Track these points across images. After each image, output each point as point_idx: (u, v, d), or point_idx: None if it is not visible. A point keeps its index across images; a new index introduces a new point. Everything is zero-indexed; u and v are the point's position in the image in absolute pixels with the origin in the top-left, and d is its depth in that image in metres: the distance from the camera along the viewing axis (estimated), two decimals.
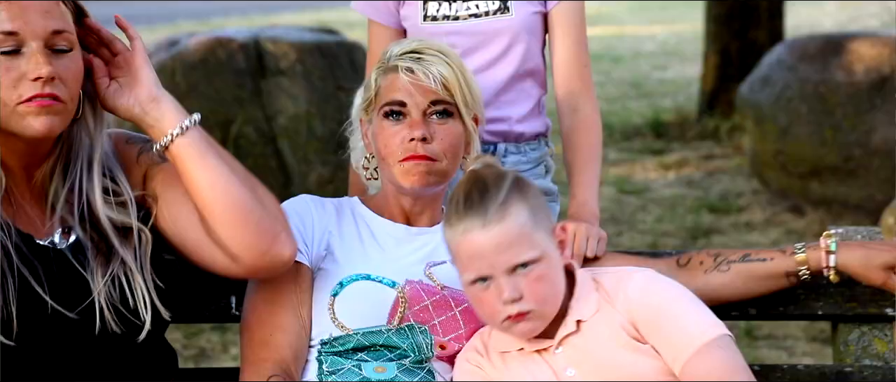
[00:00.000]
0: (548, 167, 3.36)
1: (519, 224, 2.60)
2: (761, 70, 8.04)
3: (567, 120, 3.20)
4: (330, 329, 2.76)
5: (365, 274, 2.79)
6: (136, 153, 2.72)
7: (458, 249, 2.62)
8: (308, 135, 6.88)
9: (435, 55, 2.84)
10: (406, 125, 2.81)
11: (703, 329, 2.62)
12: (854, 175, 7.62)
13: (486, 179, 2.65)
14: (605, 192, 8.36)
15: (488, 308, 2.63)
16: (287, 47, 6.98)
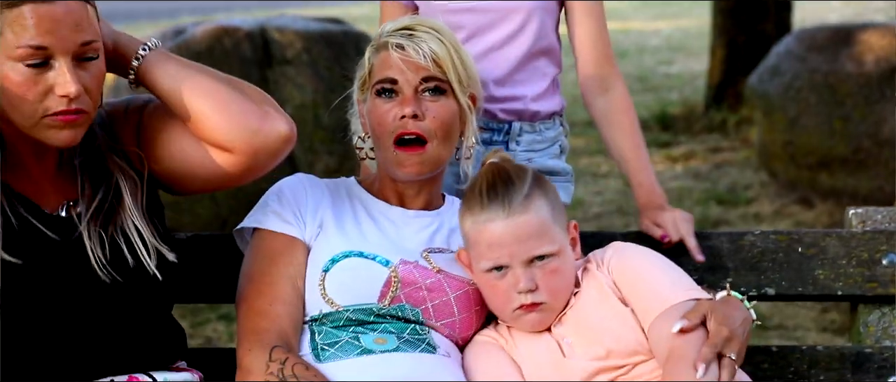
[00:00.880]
0: (563, 147, 3.32)
1: (540, 217, 2.69)
2: (770, 60, 8.00)
3: (599, 101, 3.17)
4: (320, 305, 2.73)
5: (358, 250, 2.76)
6: (123, 109, 2.71)
7: (479, 237, 2.69)
8: (314, 125, 6.84)
9: (427, 32, 2.80)
10: (398, 102, 2.79)
11: (675, 291, 2.68)
12: (864, 166, 7.57)
13: (509, 171, 2.74)
14: (612, 184, 8.33)
15: (501, 296, 2.72)
16: (293, 36, 6.94)
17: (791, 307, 6.13)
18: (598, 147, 9.35)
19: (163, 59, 2.64)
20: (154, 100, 2.69)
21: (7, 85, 2.46)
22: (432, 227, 2.87)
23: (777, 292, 3.03)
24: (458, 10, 3.14)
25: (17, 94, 2.46)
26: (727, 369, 2.57)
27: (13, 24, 2.44)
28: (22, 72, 2.46)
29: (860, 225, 3.05)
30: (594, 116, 3.19)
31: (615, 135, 3.15)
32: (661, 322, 2.63)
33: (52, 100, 2.48)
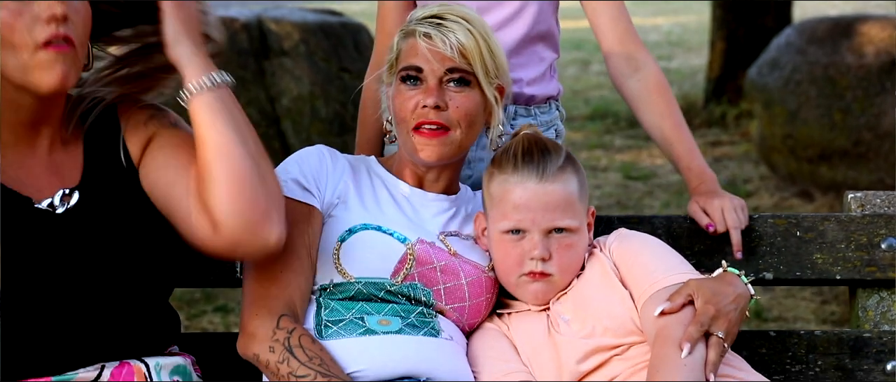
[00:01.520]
0: (558, 131, 3.28)
1: (569, 191, 2.73)
2: (770, 53, 7.98)
3: (631, 82, 3.07)
4: (332, 274, 2.72)
5: (376, 224, 2.75)
6: (146, 117, 2.66)
7: (506, 196, 2.73)
8: (311, 117, 6.82)
9: (456, 21, 2.77)
10: (421, 91, 2.77)
11: (667, 274, 2.68)
12: (864, 158, 7.55)
13: (545, 141, 2.77)
14: (611, 178, 8.31)
15: (512, 259, 2.74)
16: (290, 27, 6.91)
17: (790, 298, 6.11)
18: (598, 141, 9.35)
19: (217, 105, 2.55)
20: (180, 124, 2.65)
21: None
22: (450, 212, 2.86)
23: (775, 276, 3.00)
24: None
25: (9, 25, 2.41)
26: (715, 348, 2.54)
27: None
28: (9, 7, 2.42)
29: (859, 208, 3.03)
30: (627, 99, 3.11)
31: (653, 118, 3.05)
32: (650, 304, 2.63)
33: (39, 29, 2.42)
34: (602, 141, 9.32)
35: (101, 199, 2.56)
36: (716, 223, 2.94)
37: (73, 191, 2.55)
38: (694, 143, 3.04)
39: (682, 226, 3.02)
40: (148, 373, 2.55)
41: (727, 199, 2.97)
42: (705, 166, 3.03)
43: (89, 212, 2.54)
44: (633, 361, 2.64)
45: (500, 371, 2.70)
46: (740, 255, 2.93)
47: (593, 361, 2.66)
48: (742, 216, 2.96)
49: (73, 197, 2.55)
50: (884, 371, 2.94)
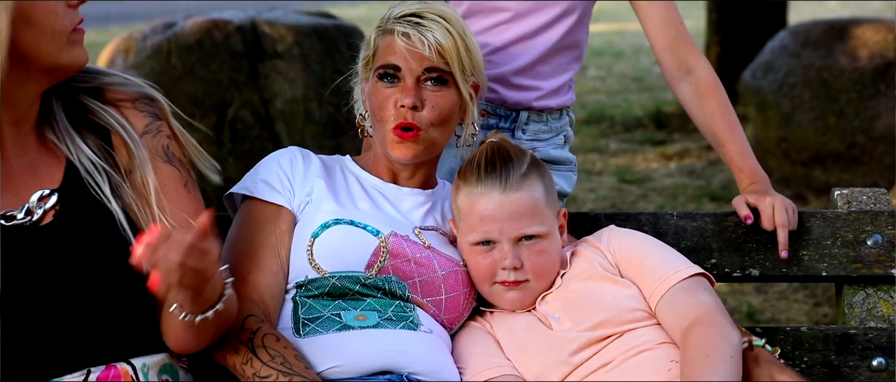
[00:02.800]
0: (567, 137, 3.27)
1: (534, 197, 2.73)
2: (764, 56, 7.97)
3: (683, 85, 3.08)
4: (306, 270, 2.72)
5: (349, 219, 2.76)
6: (141, 128, 2.66)
7: (472, 209, 2.73)
8: (305, 119, 6.82)
9: (434, 20, 2.77)
10: (399, 89, 2.77)
11: (678, 267, 2.72)
12: (858, 162, 7.55)
13: (508, 149, 2.77)
14: (606, 181, 8.31)
15: (484, 270, 2.75)
16: (284, 30, 6.91)
17: (783, 300, 6.10)
18: (593, 144, 9.35)
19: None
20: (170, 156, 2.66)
21: (38, 6, 2.44)
22: (426, 206, 2.86)
23: (761, 273, 3.00)
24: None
25: (51, 9, 2.45)
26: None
27: None
28: None
29: (845, 205, 3.03)
30: (680, 101, 3.13)
31: (705, 120, 3.07)
32: (671, 298, 2.66)
33: (72, 13, 2.49)
34: (597, 144, 9.32)
35: (80, 203, 2.55)
36: (764, 220, 2.94)
37: (51, 193, 2.54)
38: (747, 144, 3.05)
39: (668, 223, 3.03)
40: (135, 375, 2.54)
41: (779, 199, 2.96)
42: (758, 167, 3.04)
43: (67, 217, 2.53)
44: (625, 347, 2.65)
45: (483, 366, 2.70)
46: (786, 254, 2.93)
47: (588, 352, 2.67)
48: (792, 217, 2.96)
49: (50, 200, 2.54)
50: (870, 367, 2.94)
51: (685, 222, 3.02)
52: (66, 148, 2.57)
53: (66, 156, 2.57)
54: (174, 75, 6.72)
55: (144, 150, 2.62)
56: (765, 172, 3.05)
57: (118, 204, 2.56)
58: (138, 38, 6.96)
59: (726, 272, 3.01)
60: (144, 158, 2.61)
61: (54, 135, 2.57)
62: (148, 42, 6.86)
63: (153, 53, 6.79)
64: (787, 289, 6.20)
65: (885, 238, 2.97)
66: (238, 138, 6.77)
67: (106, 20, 15.01)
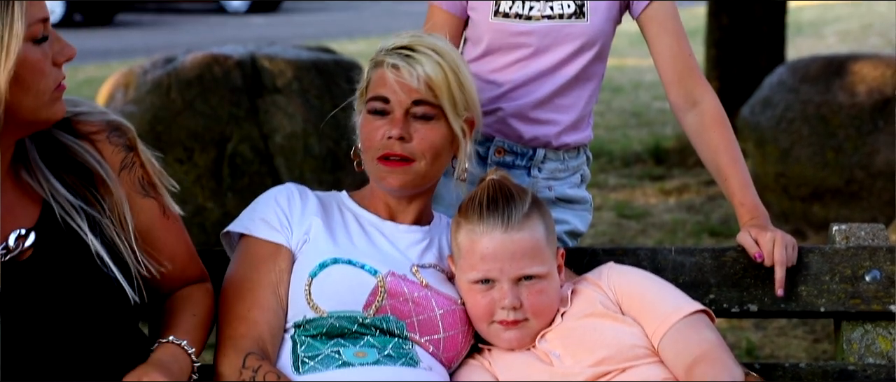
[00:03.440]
0: (584, 176, 3.27)
1: (535, 237, 2.72)
2: (763, 91, 7.98)
3: (690, 117, 3.09)
4: (304, 310, 2.72)
5: (347, 258, 2.76)
6: (117, 164, 2.67)
7: (473, 247, 2.72)
8: (304, 154, 6.81)
9: (425, 53, 2.78)
10: (387, 121, 2.78)
11: (679, 305, 2.73)
12: (856, 197, 7.54)
13: (510, 188, 2.76)
14: (605, 217, 8.30)
15: (483, 309, 2.74)
16: (283, 65, 6.92)
17: (782, 337, 6.09)
18: (592, 179, 9.29)
19: None
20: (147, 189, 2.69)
21: (28, 66, 2.44)
22: (423, 243, 2.86)
23: (760, 308, 3.00)
24: (516, 32, 3.10)
25: (40, 70, 2.46)
26: None
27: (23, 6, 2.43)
28: (40, 50, 2.47)
29: (843, 241, 3.03)
30: (686, 132, 3.13)
31: (708, 153, 3.07)
32: (674, 336, 2.67)
33: (55, 72, 2.50)
34: (596, 179, 9.32)
35: (58, 238, 2.54)
36: (765, 256, 2.93)
37: (28, 231, 2.53)
38: (749, 179, 3.06)
39: (666, 259, 3.03)
40: None
41: (780, 235, 2.96)
42: (758, 202, 3.04)
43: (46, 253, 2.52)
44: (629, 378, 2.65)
45: None
46: (782, 292, 2.93)
47: None
48: (792, 253, 2.95)
49: (28, 238, 2.53)
50: None
51: (683, 257, 3.02)
52: (41, 188, 2.57)
53: (41, 196, 2.57)
54: (174, 110, 6.72)
55: (122, 189, 2.63)
56: (765, 210, 3.06)
57: (98, 239, 2.56)
58: (138, 73, 6.97)
59: (725, 307, 3.01)
60: (122, 197, 2.63)
61: (29, 177, 2.57)
62: (148, 76, 6.86)
63: (153, 88, 6.79)
64: (787, 325, 6.19)
65: (883, 274, 2.97)
66: (237, 173, 6.76)
67: (106, 55, 15.06)
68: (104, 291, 2.54)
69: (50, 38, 2.49)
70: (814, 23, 18.81)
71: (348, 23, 20.51)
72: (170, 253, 2.70)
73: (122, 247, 2.59)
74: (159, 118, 6.68)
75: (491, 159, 3.15)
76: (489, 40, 3.11)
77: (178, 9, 24.27)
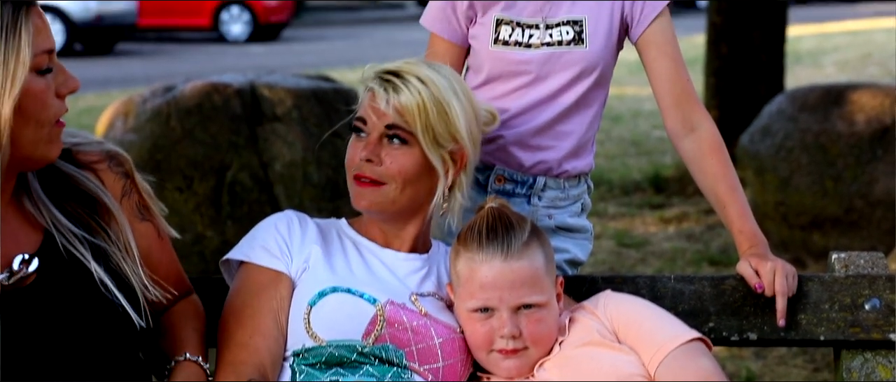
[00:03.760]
0: (584, 205, 3.26)
1: (535, 266, 2.71)
2: (762, 120, 7.99)
3: (687, 143, 3.08)
4: (303, 339, 2.72)
5: (346, 287, 2.75)
6: (119, 192, 2.69)
7: (472, 276, 2.71)
8: (304, 182, 6.82)
9: (407, 80, 2.77)
10: (363, 143, 2.78)
11: (676, 333, 2.73)
12: (856, 226, 7.54)
13: (509, 216, 2.75)
14: (605, 245, 8.30)
15: (482, 337, 2.73)
16: (283, 93, 6.92)
17: (782, 366, 6.08)
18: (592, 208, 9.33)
19: None
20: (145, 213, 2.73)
21: (31, 96, 2.45)
22: (422, 271, 2.86)
23: (759, 337, 2.99)
24: (516, 61, 3.10)
25: (42, 101, 2.47)
26: None
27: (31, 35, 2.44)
28: (44, 81, 2.48)
29: (843, 269, 3.02)
30: (683, 158, 3.12)
31: (706, 180, 3.06)
32: (670, 364, 2.66)
33: (56, 104, 2.50)
34: (596, 208, 9.32)
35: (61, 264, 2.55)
36: (766, 286, 2.93)
37: (32, 257, 2.53)
38: (747, 206, 3.04)
39: (665, 287, 3.02)
40: None
41: (780, 265, 2.94)
42: (757, 230, 3.02)
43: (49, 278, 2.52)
44: None
45: None
46: (783, 323, 2.92)
47: None
48: (792, 282, 2.94)
49: (32, 263, 2.53)
50: None
51: (682, 285, 3.01)
52: (42, 218, 2.57)
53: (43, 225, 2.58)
54: (173, 138, 6.72)
55: (124, 216, 2.65)
56: (764, 237, 3.05)
57: (102, 266, 2.56)
58: (138, 102, 6.98)
59: (724, 336, 3.00)
60: (126, 224, 2.64)
61: (31, 206, 2.58)
62: (147, 105, 6.87)
63: (152, 116, 6.80)
64: (787, 354, 6.18)
65: (883, 302, 2.97)
66: (237, 201, 6.76)
67: (106, 84, 15.07)
68: (108, 317, 2.54)
69: (54, 69, 2.50)
70: (812, 52, 18.85)
71: (348, 51, 20.54)
72: (165, 272, 2.73)
73: (129, 274, 2.60)
74: (159, 146, 6.69)
75: (491, 187, 3.14)
76: (489, 69, 3.12)
77: (177, 38, 24.32)
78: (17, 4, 2.42)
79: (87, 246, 2.57)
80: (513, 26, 3.10)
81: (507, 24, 3.10)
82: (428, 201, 2.83)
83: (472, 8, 3.12)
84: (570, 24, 3.08)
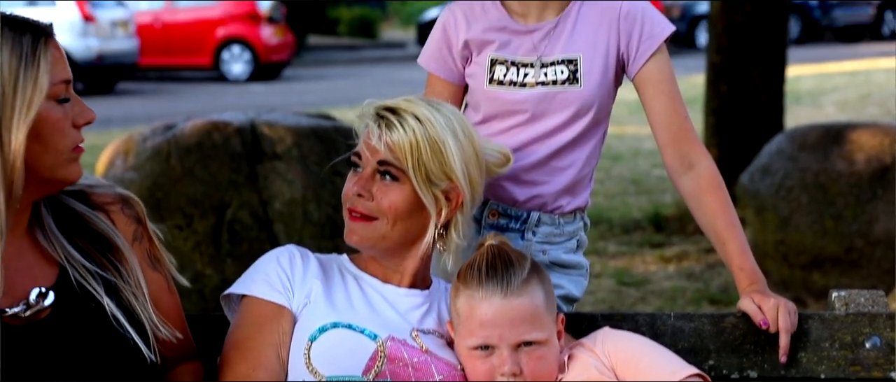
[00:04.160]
0: (580, 242, 3.26)
1: (535, 303, 2.71)
2: (761, 159, 7.99)
3: (685, 180, 3.08)
4: (303, 374, 2.71)
5: (347, 322, 2.74)
6: (131, 236, 2.72)
7: (472, 313, 2.71)
8: (304, 220, 6.81)
9: (403, 117, 2.77)
10: (357, 178, 2.78)
11: (674, 369, 2.73)
12: (856, 266, 7.53)
13: (509, 253, 2.75)
14: (605, 284, 8.29)
15: (482, 375, 2.72)
16: (283, 131, 6.93)
17: None
18: (592, 247, 9.32)
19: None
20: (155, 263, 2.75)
21: (50, 123, 2.51)
22: (423, 308, 2.85)
23: (759, 375, 2.98)
24: (511, 101, 3.11)
25: (60, 129, 2.53)
26: None
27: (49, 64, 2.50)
28: (62, 110, 2.54)
29: (843, 307, 3.02)
30: (682, 195, 3.13)
31: (705, 217, 3.06)
32: None
33: (74, 133, 2.56)
34: (596, 247, 9.31)
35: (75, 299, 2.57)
36: (769, 322, 2.92)
37: (49, 290, 2.56)
38: (746, 243, 3.05)
39: (665, 324, 3.02)
40: None
41: (782, 302, 2.95)
42: (757, 267, 3.03)
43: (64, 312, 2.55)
44: None
45: None
46: (785, 359, 2.92)
47: None
48: (794, 319, 2.94)
49: (48, 297, 2.55)
50: None
51: (682, 323, 3.01)
52: (56, 253, 2.60)
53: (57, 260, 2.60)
54: (173, 176, 6.72)
55: (135, 258, 2.67)
56: (762, 275, 3.05)
57: (113, 301, 2.58)
58: (138, 140, 6.98)
59: (724, 374, 2.99)
60: (135, 264, 2.67)
61: (45, 241, 2.61)
62: (148, 143, 6.87)
63: (153, 154, 6.80)
64: None
65: (883, 340, 2.96)
66: (236, 239, 6.76)
67: (107, 123, 15.08)
68: (121, 351, 2.57)
69: (71, 100, 2.55)
70: (812, 92, 18.87)
71: (348, 91, 20.57)
72: (172, 326, 2.72)
73: (139, 309, 2.62)
74: (159, 185, 6.69)
75: (485, 221, 3.14)
76: (486, 108, 3.12)
77: (178, 77, 24.37)
78: (37, 35, 2.49)
79: (100, 281, 2.60)
80: (507, 66, 3.10)
81: (501, 64, 3.11)
82: (422, 237, 2.83)
83: (467, 47, 3.13)
84: (565, 62, 3.09)
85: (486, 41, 3.11)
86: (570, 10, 3.11)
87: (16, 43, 2.46)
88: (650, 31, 3.10)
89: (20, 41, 2.47)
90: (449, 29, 3.16)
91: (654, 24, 3.10)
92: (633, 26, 3.09)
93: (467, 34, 3.13)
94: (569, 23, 3.10)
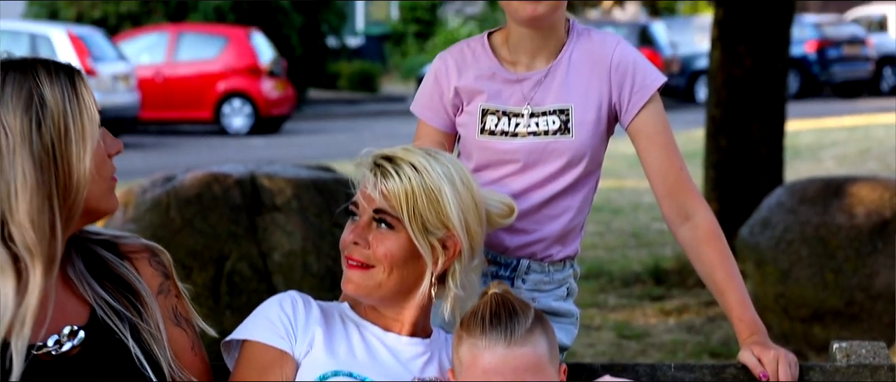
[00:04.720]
0: (570, 289, 3.25)
1: (538, 353, 2.69)
2: (761, 213, 8.00)
3: (683, 231, 3.08)
4: None
5: (347, 371, 2.73)
6: (156, 286, 2.74)
7: (475, 362, 2.69)
8: (303, 272, 6.81)
9: (400, 166, 2.77)
10: (354, 226, 2.78)
11: None
12: (857, 319, 7.52)
13: (513, 302, 2.74)
14: (605, 337, 8.27)
15: None
16: (283, 183, 6.94)
17: None
18: (592, 300, 9.32)
19: None
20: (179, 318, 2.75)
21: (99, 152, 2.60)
22: (425, 356, 2.84)
23: None
24: (502, 150, 3.11)
25: (102, 157, 2.61)
26: None
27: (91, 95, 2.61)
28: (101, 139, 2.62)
29: (844, 359, 3.01)
30: (681, 246, 3.13)
31: (704, 268, 3.06)
32: None
33: (110, 162, 2.65)
34: (596, 300, 9.30)
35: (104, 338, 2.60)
36: (770, 374, 2.92)
37: (80, 328, 2.59)
38: (746, 294, 3.04)
39: (665, 375, 3.00)
40: None
41: (783, 353, 2.94)
42: (757, 318, 3.03)
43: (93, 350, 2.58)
44: None
45: None
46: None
47: None
48: (794, 371, 2.94)
49: (79, 335, 2.58)
50: None
51: (683, 374, 3.00)
52: (86, 292, 2.63)
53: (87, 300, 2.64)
54: (173, 228, 6.73)
55: (157, 305, 2.69)
56: (763, 325, 3.04)
57: (136, 344, 2.61)
58: (138, 192, 7.00)
59: None
60: (157, 311, 2.68)
61: (76, 280, 2.64)
62: (147, 195, 6.88)
63: (152, 206, 6.81)
64: None
65: None
66: (235, 291, 6.75)
67: None
68: None
69: (101, 131, 2.63)
70: (811, 147, 18.91)
71: (349, 144, 20.60)
72: None
73: (158, 355, 2.63)
74: (158, 237, 6.68)
75: None
76: (478, 157, 3.13)
77: (179, 131, 24.42)
78: (69, 72, 2.60)
79: (127, 322, 2.62)
80: (498, 116, 3.11)
81: (492, 114, 3.11)
82: (418, 286, 2.82)
83: (458, 96, 3.14)
84: (556, 113, 3.09)
85: (477, 90, 3.12)
86: (560, 58, 3.11)
87: (55, 80, 2.56)
88: (642, 82, 3.10)
89: (58, 78, 2.56)
90: (440, 77, 3.17)
91: (645, 75, 3.11)
92: (624, 77, 3.10)
93: (458, 82, 3.14)
94: (560, 72, 3.11)
